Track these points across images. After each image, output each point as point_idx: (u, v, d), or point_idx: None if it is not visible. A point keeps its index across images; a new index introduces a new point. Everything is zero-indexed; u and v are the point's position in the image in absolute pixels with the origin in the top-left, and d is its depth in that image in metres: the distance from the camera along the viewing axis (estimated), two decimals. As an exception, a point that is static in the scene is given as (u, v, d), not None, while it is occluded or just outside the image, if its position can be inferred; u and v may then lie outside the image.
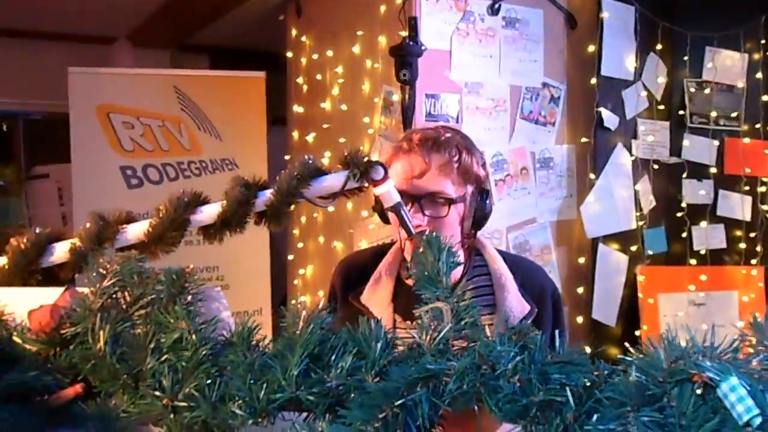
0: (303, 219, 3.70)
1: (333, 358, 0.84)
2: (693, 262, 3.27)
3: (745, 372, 0.73)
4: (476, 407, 0.79)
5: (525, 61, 3.02)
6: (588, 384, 0.78)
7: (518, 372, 0.78)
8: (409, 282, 1.61)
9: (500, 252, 1.71)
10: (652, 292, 3.22)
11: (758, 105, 3.33)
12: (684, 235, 3.27)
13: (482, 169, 1.64)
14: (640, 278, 3.21)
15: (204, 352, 0.85)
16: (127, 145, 3.67)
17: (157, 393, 0.85)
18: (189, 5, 4.07)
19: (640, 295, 3.21)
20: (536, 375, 0.78)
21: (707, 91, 3.28)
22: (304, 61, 3.68)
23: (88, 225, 1.20)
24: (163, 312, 0.89)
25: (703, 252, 3.27)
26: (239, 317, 0.93)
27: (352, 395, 0.81)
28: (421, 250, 1.04)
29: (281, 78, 3.91)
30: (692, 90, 3.27)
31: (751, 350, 0.79)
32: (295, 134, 3.80)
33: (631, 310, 3.22)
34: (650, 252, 3.23)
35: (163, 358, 0.86)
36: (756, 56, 3.30)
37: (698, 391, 0.73)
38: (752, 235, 3.33)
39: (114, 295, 0.92)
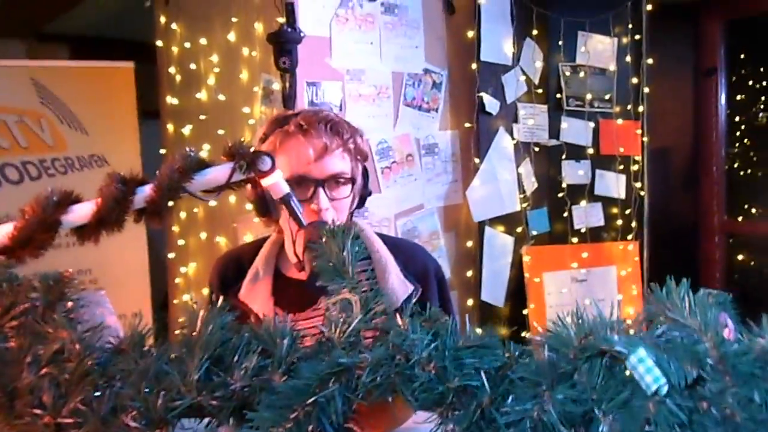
0: (183, 214, 3.53)
1: (236, 359, 0.78)
2: (574, 240, 3.37)
3: (651, 344, 0.75)
4: (390, 398, 0.77)
5: (406, 48, 2.99)
6: (500, 366, 0.78)
7: (433, 359, 0.76)
8: (296, 275, 1.56)
9: (379, 235, 1.70)
10: (537, 271, 3.30)
11: (629, 87, 3.47)
12: (565, 214, 3.37)
13: (367, 148, 1.65)
14: (525, 258, 3.27)
15: (90, 362, 0.77)
16: (-22, 143, 3.37)
17: (37, 411, 0.76)
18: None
19: (526, 274, 3.27)
20: (450, 361, 0.77)
21: (581, 74, 3.38)
22: (175, 49, 3.49)
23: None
24: (40, 322, 0.80)
25: (583, 230, 3.39)
26: (127, 321, 0.85)
27: (259, 397, 0.76)
28: (323, 239, 0.97)
29: (152, 68, 3.70)
30: (567, 74, 3.36)
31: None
32: (170, 127, 3.62)
33: (518, 290, 3.28)
34: (534, 232, 3.30)
35: (43, 372, 0.77)
36: (624, 40, 3.43)
37: (607, 365, 0.74)
38: (627, 212, 3.48)
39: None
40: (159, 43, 3.63)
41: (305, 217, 1.34)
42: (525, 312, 3.25)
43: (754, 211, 4.48)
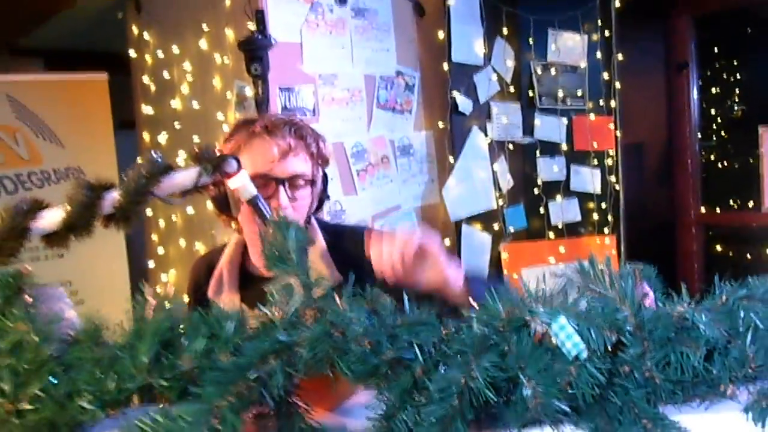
0: (162, 223, 3.53)
1: (185, 342, 0.83)
2: (551, 235, 3.40)
3: (574, 313, 0.81)
4: (330, 373, 0.83)
5: (377, 51, 3.02)
6: (436, 341, 0.84)
7: (367, 335, 0.82)
8: (264, 272, 1.59)
9: (322, 223, 1.75)
10: (515, 267, 3.33)
11: (600, 83, 3.51)
12: (542, 210, 3.40)
13: (328, 154, 1.69)
14: (503, 255, 3.30)
15: (47, 352, 0.82)
16: (-46, 160, 3.36)
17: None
18: (17, 5, 3.77)
19: (504, 271, 3.30)
20: (386, 336, 0.82)
21: (553, 72, 3.42)
22: (148, 59, 3.51)
23: None
24: None
25: (560, 225, 3.42)
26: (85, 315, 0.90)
27: (205, 375, 0.80)
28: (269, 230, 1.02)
29: (126, 78, 3.71)
30: (539, 72, 3.39)
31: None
32: (146, 136, 3.63)
33: (497, 287, 3.30)
34: (511, 229, 3.33)
35: (5, 363, 0.82)
36: (594, 37, 3.48)
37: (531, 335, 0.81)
38: (603, 206, 3.51)
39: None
40: (132, 53, 3.63)
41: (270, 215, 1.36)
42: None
43: (731, 202, 4.54)
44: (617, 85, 3.55)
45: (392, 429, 0.78)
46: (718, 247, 4.54)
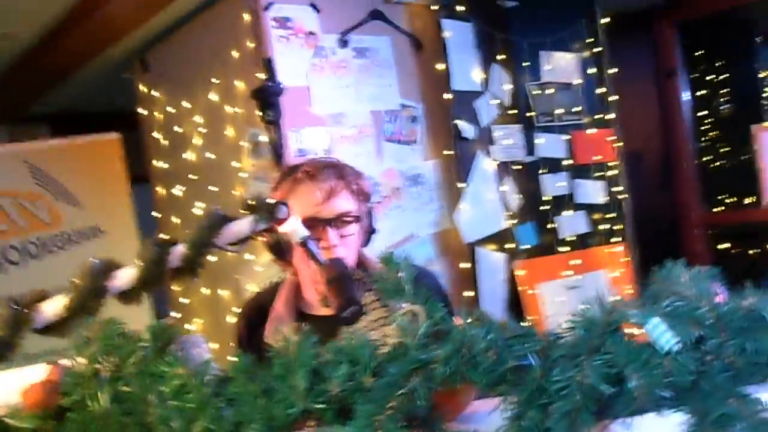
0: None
1: (329, 370, 0.94)
2: (563, 249, 3.49)
3: (661, 314, 0.92)
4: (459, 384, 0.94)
5: (381, 87, 3.14)
6: (541, 348, 0.94)
7: (491, 348, 0.93)
8: (318, 312, 1.69)
9: None
10: (531, 283, 3.41)
11: (595, 97, 3.63)
12: (551, 226, 3.49)
13: (369, 189, 1.80)
14: (518, 273, 3.38)
15: (208, 390, 0.93)
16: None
17: None
18: (26, 75, 3.90)
19: (520, 288, 3.38)
20: (504, 348, 0.94)
21: (549, 91, 3.53)
22: (158, 115, 3.62)
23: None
24: (155, 364, 0.95)
25: (571, 238, 3.51)
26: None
27: (354, 397, 0.92)
28: (382, 267, 1.14)
29: (137, 135, 3.82)
30: (535, 92, 3.51)
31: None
32: (160, 189, 3.73)
33: (515, 303, 3.38)
34: (524, 246, 3.42)
35: (173, 405, 0.92)
36: (586, 53, 3.60)
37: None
38: (610, 215, 3.61)
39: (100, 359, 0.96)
40: (141, 110, 3.75)
41: (322, 256, 1.45)
42: (525, 324, 3.34)
43: (728, 200, 4.64)
44: (612, 97, 3.67)
45: (523, 427, 0.88)
46: (722, 246, 4.64)
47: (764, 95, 5.13)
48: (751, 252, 4.71)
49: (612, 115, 3.67)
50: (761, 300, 0.92)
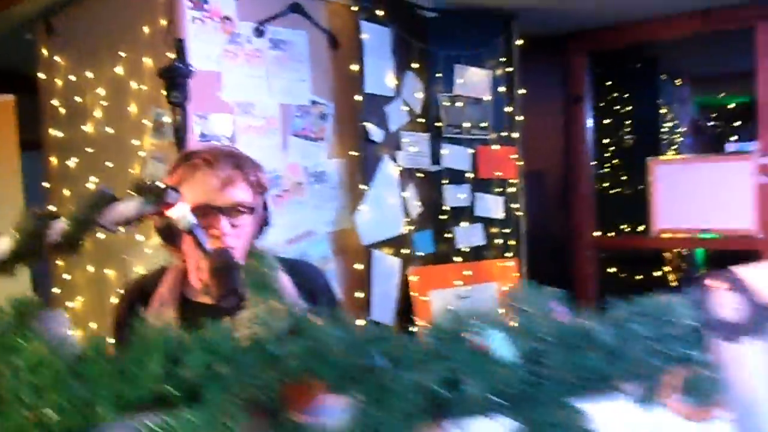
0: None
1: (186, 357, 0.95)
2: (457, 259, 3.57)
3: (504, 328, 0.99)
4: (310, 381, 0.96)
5: (293, 81, 3.11)
6: (394, 351, 0.98)
7: (342, 347, 0.96)
8: (203, 299, 1.67)
9: (276, 257, 1.82)
10: (423, 290, 3.46)
11: (503, 115, 3.73)
12: (448, 235, 3.56)
13: (267, 182, 1.79)
14: (412, 278, 3.43)
15: (63, 367, 0.93)
16: None
17: (24, 411, 0.92)
18: None
19: (413, 293, 3.43)
20: (355, 348, 0.97)
21: (459, 104, 3.61)
22: (59, 82, 3.47)
23: None
24: (13, 337, 0.96)
25: (466, 249, 3.59)
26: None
27: (207, 384, 0.93)
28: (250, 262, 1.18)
29: (34, 100, 3.65)
30: (446, 104, 3.57)
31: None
32: (53, 160, 3.57)
33: (406, 309, 3.43)
34: (420, 253, 3.48)
35: (26, 380, 0.93)
36: (498, 72, 3.70)
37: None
38: (506, 231, 3.71)
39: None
40: (41, 75, 3.59)
41: (209, 244, 1.43)
42: (413, 329, 3.40)
43: (621, 226, 4.85)
44: (519, 117, 3.77)
45: (365, 424, 0.92)
46: (611, 269, 4.84)
47: (663, 130, 5.41)
48: (636, 277, 4.95)
49: (517, 134, 3.78)
50: (597, 322, 1.01)
